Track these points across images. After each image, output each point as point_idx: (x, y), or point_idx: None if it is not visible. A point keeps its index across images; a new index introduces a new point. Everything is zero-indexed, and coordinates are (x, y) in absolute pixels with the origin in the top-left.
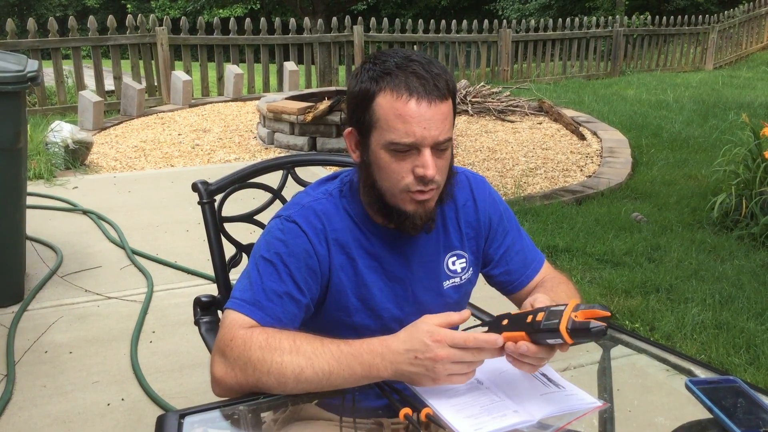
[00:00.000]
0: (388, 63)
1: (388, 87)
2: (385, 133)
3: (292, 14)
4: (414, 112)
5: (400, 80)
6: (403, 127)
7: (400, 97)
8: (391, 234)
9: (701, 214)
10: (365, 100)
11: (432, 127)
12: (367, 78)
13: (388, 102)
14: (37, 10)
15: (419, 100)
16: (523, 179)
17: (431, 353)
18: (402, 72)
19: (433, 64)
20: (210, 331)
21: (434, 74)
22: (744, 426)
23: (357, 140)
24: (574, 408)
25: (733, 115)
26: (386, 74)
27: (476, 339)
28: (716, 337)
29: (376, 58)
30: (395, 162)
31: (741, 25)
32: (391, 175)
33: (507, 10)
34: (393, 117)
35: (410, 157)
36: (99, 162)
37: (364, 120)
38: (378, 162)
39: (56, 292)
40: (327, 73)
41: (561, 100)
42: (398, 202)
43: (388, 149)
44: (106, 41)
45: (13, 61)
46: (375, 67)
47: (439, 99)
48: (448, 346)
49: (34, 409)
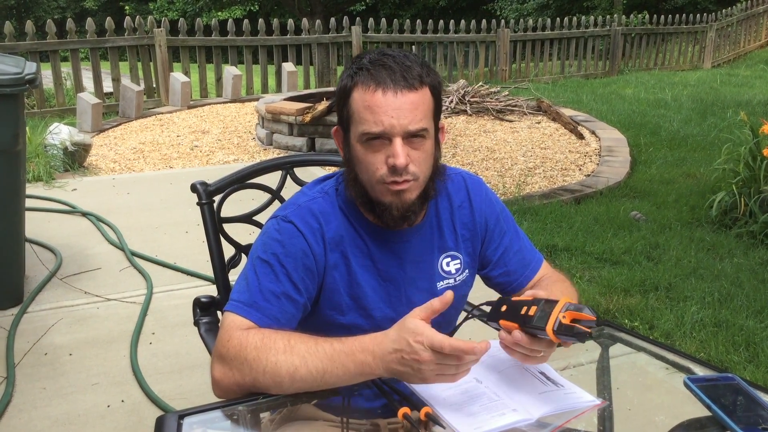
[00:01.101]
0: (363, 60)
1: (360, 81)
2: (358, 126)
3: (291, 15)
4: (381, 102)
5: (371, 74)
6: (371, 117)
7: (368, 88)
8: (385, 233)
9: (700, 213)
10: (343, 97)
11: (401, 116)
12: (346, 76)
13: (359, 95)
14: (36, 13)
15: (385, 90)
16: (522, 179)
17: (415, 355)
18: (373, 66)
19: (408, 57)
20: (209, 331)
21: (405, 66)
22: (743, 423)
23: (342, 137)
24: (573, 406)
25: (731, 114)
26: (360, 70)
27: (451, 346)
28: (715, 335)
29: (356, 57)
30: (370, 154)
31: (739, 23)
32: (367, 167)
33: (505, 10)
34: (363, 108)
35: (383, 148)
36: (98, 164)
37: (344, 116)
38: (356, 155)
39: (56, 294)
40: (325, 74)
41: (559, 100)
42: (377, 195)
43: (362, 141)
44: (105, 43)
45: (11, 63)
46: (353, 66)
47: (407, 89)
48: (429, 349)
49: (34, 411)
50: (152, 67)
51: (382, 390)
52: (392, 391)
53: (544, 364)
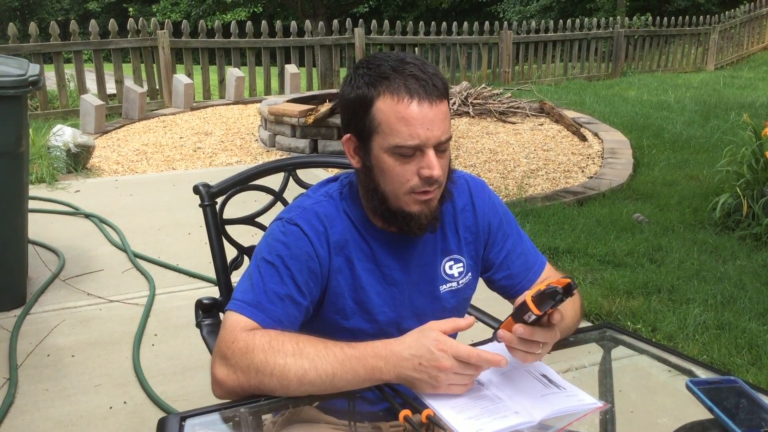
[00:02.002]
0: (383, 67)
1: (387, 91)
2: (388, 138)
3: (294, 17)
4: (417, 114)
5: (399, 83)
6: (407, 130)
7: (402, 99)
8: (389, 237)
9: (703, 215)
10: (364, 106)
11: (434, 128)
12: (364, 83)
13: (388, 106)
14: (39, 15)
15: (421, 102)
16: (525, 181)
17: (436, 362)
18: (399, 75)
19: (427, 64)
20: (211, 333)
21: (431, 74)
22: (745, 426)
23: (356, 146)
24: (575, 409)
25: (734, 116)
26: (383, 78)
27: (479, 357)
28: (718, 338)
29: (369, 63)
30: (399, 165)
31: (742, 25)
32: (395, 178)
33: (508, 12)
34: (395, 120)
35: (415, 159)
36: (101, 165)
37: (364, 126)
38: (381, 166)
39: (58, 296)
40: (328, 76)
41: (562, 102)
42: (401, 205)
43: (392, 153)
44: (108, 45)
45: (15, 65)
46: (370, 72)
47: (438, 99)
48: (453, 358)
49: (36, 413)
50: (155, 69)
51: (384, 393)
52: (394, 393)
53: (546, 367)
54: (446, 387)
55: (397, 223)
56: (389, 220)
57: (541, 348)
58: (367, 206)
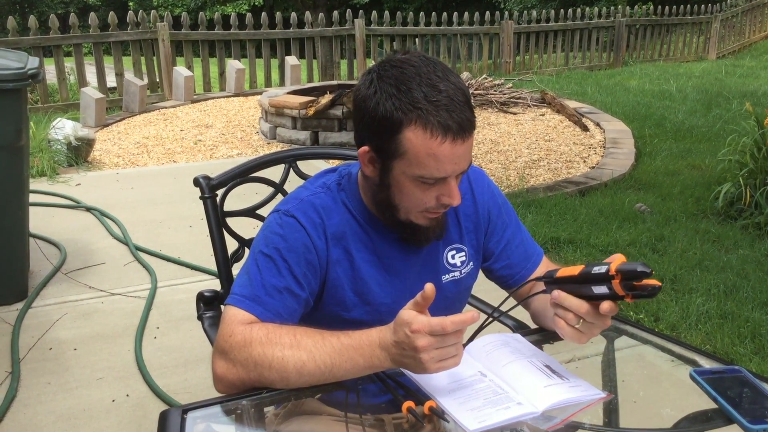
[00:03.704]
0: (415, 93)
1: (420, 123)
2: (414, 167)
3: (293, 8)
4: (449, 152)
5: (432, 117)
6: (435, 165)
7: (435, 137)
8: (389, 228)
9: (705, 204)
10: (390, 130)
11: (461, 162)
12: (392, 106)
13: (420, 139)
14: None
15: (454, 141)
16: (527, 171)
17: (412, 344)
18: (432, 107)
19: (458, 90)
20: (213, 326)
21: (460, 104)
22: (749, 416)
23: (374, 159)
24: (578, 399)
25: (736, 105)
26: (415, 108)
27: (452, 322)
28: (721, 327)
29: (397, 79)
30: (420, 191)
31: (744, 14)
32: (413, 201)
33: (509, 2)
34: (425, 155)
35: (436, 185)
36: (101, 159)
37: (389, 148)
38: (400, 188)
39: (60, 289)
40: (329, 67)
41: (563, 92)
42: (412, 219)
43: (414, 180)
44: (108, 38)
45: (14, 58)
46: (400, 96)
47: (469, 135)
48: (428, 335)
49: (39, 406)
50: (155, 62)
51: (387, 384)
52: (397, 385)
53: (549, 357)
54: (436, 365)
55: (403, 233)
56: (396, 229)
57: (595, 326)
58: (374, 211)
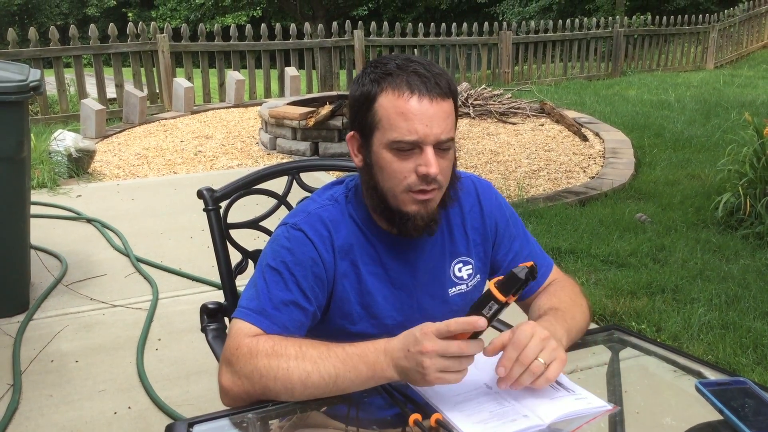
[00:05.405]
0: (389, 65)
1: (390, 86)
2: (387, 133)
3: (293, 20)
4: (416, 109)
5: (402, 79)
6: (405, 125)
7: (402, 94)
8: (396, 240)
9: (705, 214)
10: (367, 103)
11: (434, 125)
12: (369, 81)
13: (389, 101)
14: (38, 20)
15: (421, 97)
16: (526, 181)
17: (419, 345)
18: (403, 71)
19: (433, 65)
20: (217, 338)
21: (435, 73)
22: (755, 428)
23: (359, 143)
24: (584, 412)
25: (735, 114)
26: (387, 75)
27: (457, 322)
28: (723, 338)
29: (376, 62)
30: (397, 161)
31: (741, 23)
32: (393, 175)
33: (507, 14)
34: (395, 115)
35: (413, 156)
36: (102, 170)
37: (366, 122)
38: (380, 162)
39: (61, 301)
40: (328, 78)
41: (562, 102)
42: (399, 204)
43: (391, 148)
44: (108, 49)
45: (15, 70)
46: (376, 70)
47: (440, 96)
48: (435, 338)
49: (41, 419)
50: (155, 73)
51: (393, 397)
52: (404, 398)
53: None
54: (436, 376)
55: (395, 223)
56: (389, 220)
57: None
58: (369, 206)
